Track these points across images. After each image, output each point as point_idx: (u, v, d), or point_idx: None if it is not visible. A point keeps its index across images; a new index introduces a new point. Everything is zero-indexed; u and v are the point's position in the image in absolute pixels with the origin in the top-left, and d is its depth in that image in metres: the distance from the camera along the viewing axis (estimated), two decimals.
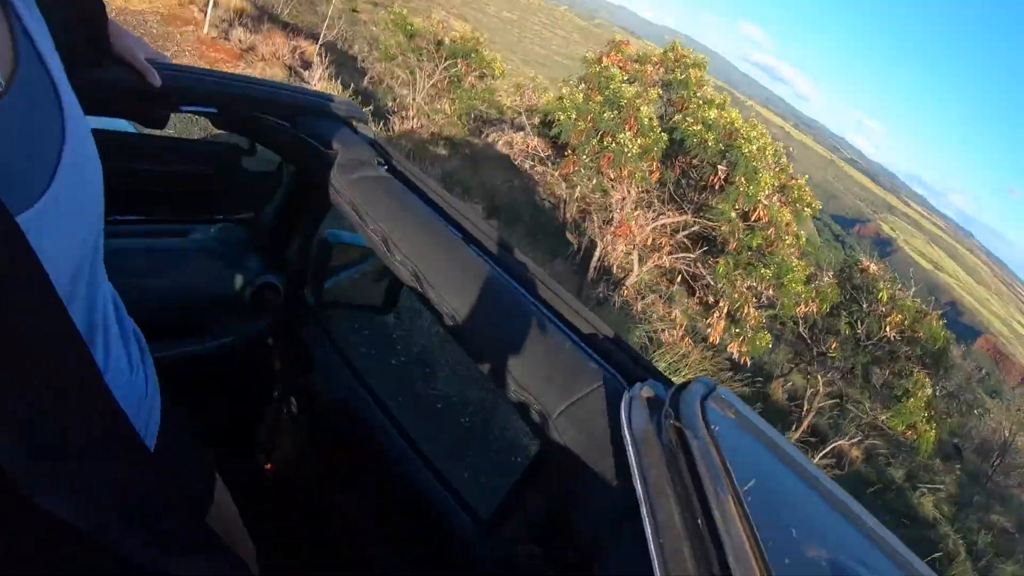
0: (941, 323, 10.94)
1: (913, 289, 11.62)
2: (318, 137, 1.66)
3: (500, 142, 14.78)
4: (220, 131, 1.73)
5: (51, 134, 0.69)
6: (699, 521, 0.84)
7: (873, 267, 11.64)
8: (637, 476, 0.93)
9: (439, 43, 13.71)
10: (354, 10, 22.44)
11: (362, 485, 1.95)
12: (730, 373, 10.57)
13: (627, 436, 1.00)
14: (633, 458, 0.96)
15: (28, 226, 0.58)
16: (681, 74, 11.52)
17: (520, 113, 13.27)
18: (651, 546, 0.83)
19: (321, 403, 2.07)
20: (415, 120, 13.58)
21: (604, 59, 11.55)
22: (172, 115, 1.52)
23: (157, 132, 1.58)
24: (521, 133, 12.61)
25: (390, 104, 13.59)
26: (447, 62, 13.81)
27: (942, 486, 16.12)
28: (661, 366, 7.70)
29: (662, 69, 11.80)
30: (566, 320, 1.36)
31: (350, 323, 5.11)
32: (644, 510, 0.87)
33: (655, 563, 0.81)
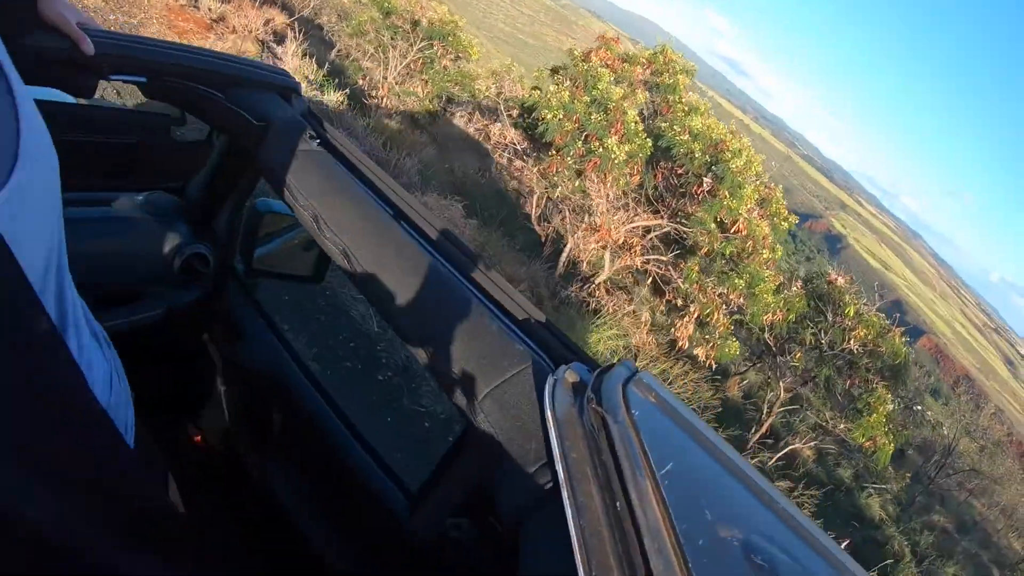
0: (903, 340, 11.13)
1: (877, 304, 11.79)
2: (249, 108, 1.62)
3: (472, 127, 14.58)
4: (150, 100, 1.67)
5: (5, 118, 0.64)
6: (617, 504, 0.88)
7: (840, 280, 11.75)
8: (559, 459, 0.96)
9: (415, 23, 13.37)
10: None
11: (291, 457, 1.96)
12: (688, 368, 10.70)
13: (549, 419, 1.03)
14: (555, 441, 0.99)
15: None
16: (669, 78, 11.40)
17: (498, 103, 13.03)
18: (571, 527, 0.86)
19: (250, 373, 2.04)
20: (386, 100, 13.22)
21: (593, 55, 11.34)
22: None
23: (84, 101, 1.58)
24: (498, 125, 12.36)
25: (360, 82, 13.24)
26: (422, 43, 13.49)
27: (887, 487, 16.55)
28: (612, 346, 7.74)
29: (649, 71, 11.62)
30: (496, 301, 1.36)
31: (281, 292, 5.03)
32: (565, 492, 0.91)
33: (575, 543, 0.84)
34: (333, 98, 10.61)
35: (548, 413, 1.05)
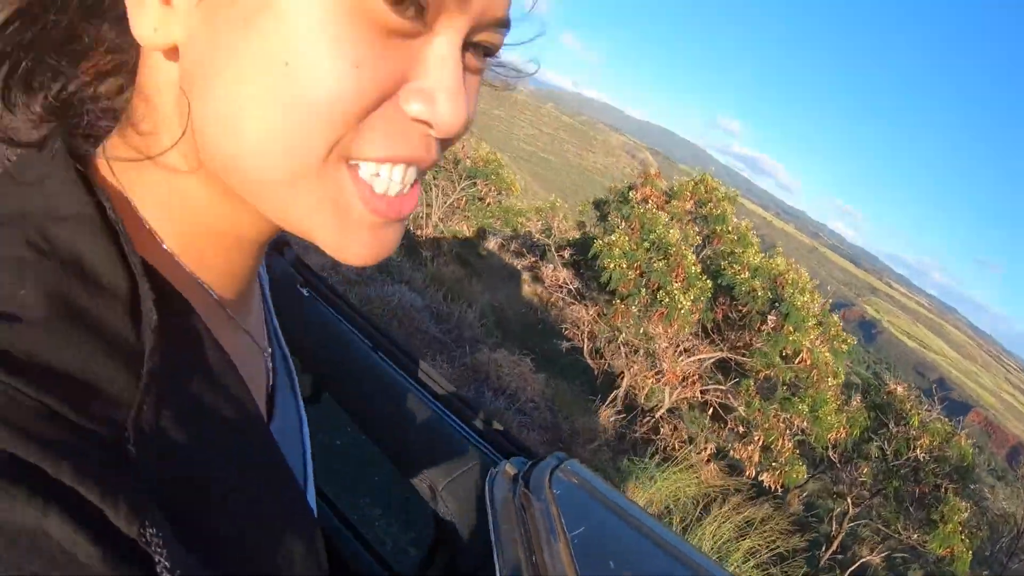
0: (969, 442, 10.92)
1: (939, 407, 11.61)
2: None
3: (519, 263, 14.84)
4: None
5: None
6: (533, 558, 1.11)
7: (900, 389, 11.62)
8: (492, 533, 1.17)
9: (457, 162, 13.77)
10: None
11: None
12: (769, 508, 10.46)
13: (488, 503, 1.25)
14: (491, 519, 1.21)
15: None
16: (715, 208, 11.57)
17: (547, 243, 13.27)
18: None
19: None
20: (431, 235, 13.61)
21: (637, 191, 11.57)
22: None
23: None
24: (550, 265, 12.56)
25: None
26: (465, 182, 13.87)
27: None
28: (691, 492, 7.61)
29: (693, 201, 11.82)
30: (455, 409, 1.57)
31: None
32: (495, 555, 1.12)
33: None
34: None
35: (487, 499, 1.27)
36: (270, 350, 0.71)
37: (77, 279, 0.44)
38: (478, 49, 0.50)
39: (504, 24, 0.50)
